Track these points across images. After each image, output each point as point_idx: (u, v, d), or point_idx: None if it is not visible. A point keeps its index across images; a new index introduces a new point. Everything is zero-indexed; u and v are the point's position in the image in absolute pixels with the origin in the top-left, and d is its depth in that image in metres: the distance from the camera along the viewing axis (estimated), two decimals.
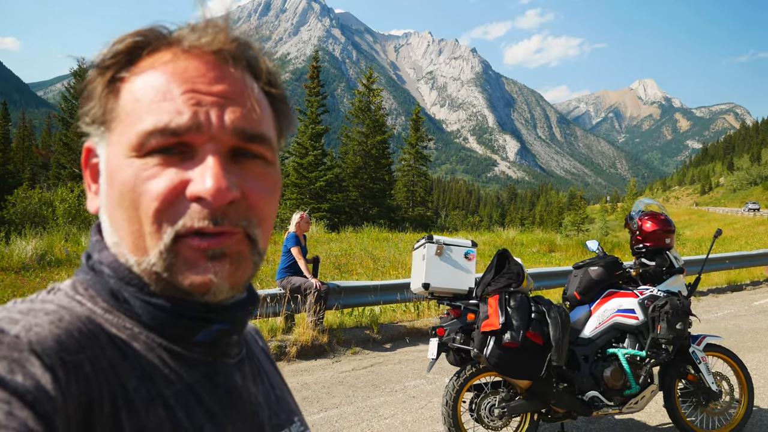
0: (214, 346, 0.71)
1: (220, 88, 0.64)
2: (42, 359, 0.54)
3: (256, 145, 0.66)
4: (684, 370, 4.56)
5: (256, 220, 0.66)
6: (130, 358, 0.62)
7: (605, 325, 4.43)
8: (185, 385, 0.66)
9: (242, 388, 0.74)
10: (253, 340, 0.89)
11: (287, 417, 0.81)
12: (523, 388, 4.19)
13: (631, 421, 5.01)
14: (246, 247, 0.66)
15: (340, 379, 6.42)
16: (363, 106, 42.64)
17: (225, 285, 0.64)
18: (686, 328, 4.25)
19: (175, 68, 0.63)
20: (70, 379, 0.55)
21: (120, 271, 0.66)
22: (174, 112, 0.61)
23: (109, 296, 0.66)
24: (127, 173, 0.62)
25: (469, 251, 4.67)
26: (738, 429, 4.56)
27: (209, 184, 0.61)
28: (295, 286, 7.60)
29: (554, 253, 20.18)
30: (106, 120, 0.65)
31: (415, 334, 8.51)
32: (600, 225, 54.13)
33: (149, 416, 0.60)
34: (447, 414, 4.14)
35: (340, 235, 21.88)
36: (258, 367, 0.82)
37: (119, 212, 0.63)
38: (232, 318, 0.71)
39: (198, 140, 0.62)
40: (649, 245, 4.69)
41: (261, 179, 0.67)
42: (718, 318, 9.87)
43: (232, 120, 0.64)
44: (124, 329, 0.65)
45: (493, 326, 3.89)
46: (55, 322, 0.58)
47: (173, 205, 0.61)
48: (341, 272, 14.05)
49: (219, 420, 0.67)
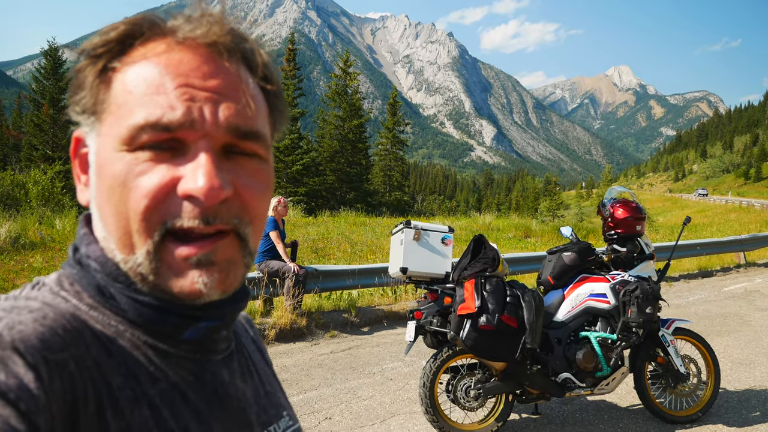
0: (201, 343, 0.70)
1: (214, 83, 0.62)
2: (25, 358, 0.53)
3: (249, 143, 0.65)
4: (653, 353, 4.71)
5: (248, 219, 0.65)
6: (115, 356, 0.62)
7: (578, 309, 4.55)
8: (171, 384, 0.65)
9: (230, 384, 0.73)
10: (243, 331, 0.87)
11: (276, 413, 0.81)
12: (498, 370, 4.30)
13: (603, 403, 5.16)
14: (236, 250, 0.65)
15: (318, 362, 6.50)
16: (340, 89, 42.43)
17: (215, 292, 0.63)
18: (656, 312, 4.39)
19: (168, 60, 0.62)
20: (53, 378, 0.54)
21: (107, 267, 0.65)
22: (167, 106, 0.60)
23: (96, 292, 0.65)
24: (117, 167, 0.61)
25: (446, 236, 4.76)
26: (705, 410, 4.72)
27: (201, 183, 0.59)
28: (273, 270, 7.64)
29: (530, 239, 20.41)
30: (96, 110, 0.63)
31: (393, 318, 8.62)
32: (575, 211, 54.65)
33: (134, 415, 0.59)
34: (424, 395, 4.23)
35: (317, 219, 21.88)
36: (247, 361, 0.81)
37: (108, 207, 0.62)
38: (221, 315, 0.69)
39: (190, 137, 0.61)
40: (621, 232, 4.82)
41: (254, 176, 0.66)
42: (688, 303, 10.12)
43: (226, 116, 0.62)
44: (109, 326, 0.63)
45: (469, 309, 3.98)
46: (39, 319, 0.57)
47: (163, 203, 0.60)
48: (318, 256, 14.09)
49: (205, 418, 0.67)
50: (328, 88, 43.65)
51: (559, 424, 4.67)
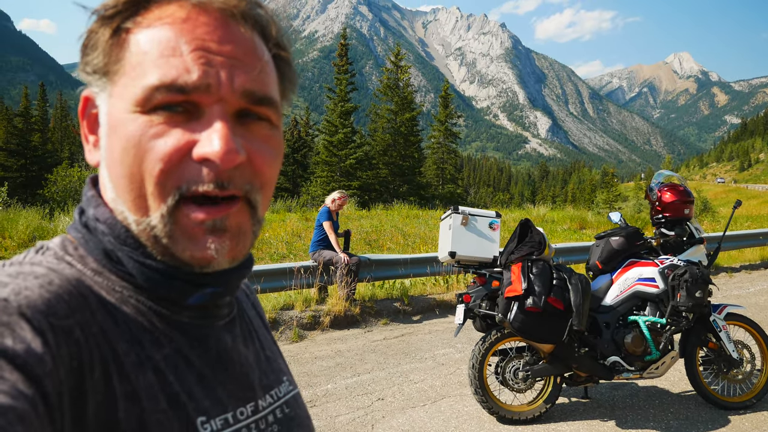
0: (205, 308, 0.71)
1: (229, 47, 0.63)
2: (32, 323, 0.53)
3: (263, 108, 0.66)
4: (705, 338, 4.69)
5: (259, 185, 0.66)
6: (120, 322, 0.62)
7: (626, 293, 4.58)
8: (175, 349, 0.66)
9: (232, 349, 0.74)
10: (243, 296, 0.88)
11: (276, 377, 0.81)
12: (546, 353, 4.39)
13: (654, 388, 5.17)
14: (246, 217, 0.66)
15: (372, 348, 6.68)
16: (391, 83, 42.48)
17: (225, 260, 0.64)
18: (705, 297, 4.38)
19: (184, 23, 0.62)
20: (60, 344, 0.55)
21: (116, 229, 0.65)
22: (182, 69, 0.60)
23: (102, 256, 0.66)
24: (131, 129, 0.61)
25: (494, 221, 4.87)
26: (759, 396, 4.67)
27: (217, 147, 0.60)
28: (326, 259, 7.86)
29: (585, 230, 20.12)
30: (108, 71, 0.64)
31: (444, 307, 8.73)
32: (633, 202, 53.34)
33: (139, 380, 0.60)
34: (474, 377, 4.36)
35: (370, 213, 22.07)
36: (248, 327, 0.82)
37: (120, 168, 0.62)
38: (226, 281, 0.70)
39: (206, 100, 0.62)
40: (668, 215, 4.82)
41: (266, 142, 0.67)
42: (750, 293, 9.87)
43: (241, 82, 0.63)
44: (113, 292, 0.64)
45: (516, 292, 4.09)
46: (44, 285, 0.58)
47: (178, 167, 0.61)
48: (372, 248, 14.29)
49: (209, 382, 0.68)
50: (380, 82, 43.74)
51: (609, 408, 4.72)
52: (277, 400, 0.78)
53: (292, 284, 7.71)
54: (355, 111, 38.77)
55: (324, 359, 6.19)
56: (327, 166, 37.50)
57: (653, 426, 4.37)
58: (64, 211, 15.40)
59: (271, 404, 0.76)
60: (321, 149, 38.62)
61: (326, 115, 39.38)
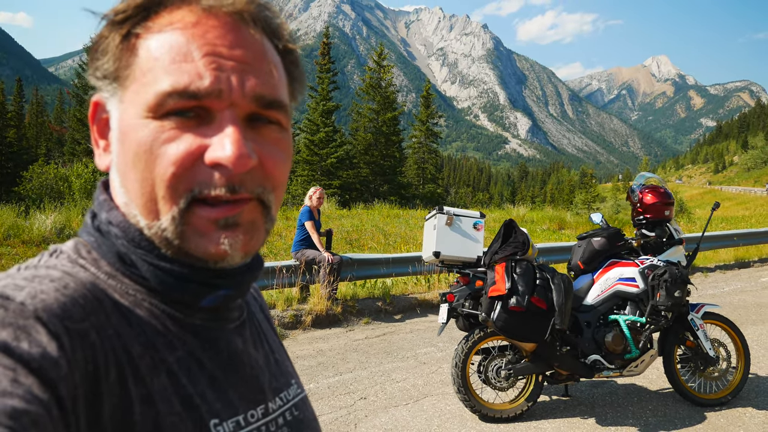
0: (217, 311, 0.72)
1: (240, 52, 0.63)
2: (48, 327, 0.54)
3: (273, 111, 0.66)
4: (683, 337, 4.78)
5: (270, 187, 0.66)
6: (134, 325, 0.63)
7: (607, 293, 4.66)
8: (188, 352, 0.66)
9: (243, 352, 0.74)
10: (252, 299, 0.88)
11: (285, 380, 0.82)
12: (529, 351, 4.44)
13: (633, 386, 5.24)
14: (259, 214, 0.66)
15: (353, 347, 6.70)
16: (373, 82, 42.46)
17: (238, 254, 0.65)
18: (684, 296, 4.47)
19: (194, 28, 0.62)
20: (75, 348, 0.55)
21: (129, 233, 0.66)
22: (195, 74, 0.60)
23: (116, 259, 0.66)
24: (143, 134, 0.61)
25: (478, 222, 4.91)
26: (734, 393, 4.77)
27: (230, 151, 0.60)
28: (309, 259, 7.85)
29: (564, 231, 20.29)
30: (119, 76, 0.64)
31: (426, 306, 8.77)
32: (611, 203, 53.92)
33: (154, 383, 0.61)
34: (456, 375, 4.39)
35: (351, 212, 22.04)
36: (258, 330, 0.83)
37: (132, 173, 0.63)
38: (238, 282, 0.71)
39: (217, 106, 0.62)
40: (650, 217, 4.90)
41: (276, 144, 0.67)
42: (724, 293, 10.05)
43: (251, 86, 0.63)
44: (127, 295, 0.65)
45: (500, 291, 4.13)
46: (60, 289, 0.58)
47: (190, 171, 0.61)
48: (353, 247, 14.29)
49: (221, 385, 0.68)
50: (362, 81, 43.72)
51: (589, 406, 4.78)
52: (286, 402, 0.79)
53: (274, 283, 7.69)
54: (336, 110, 38.74)
55: (306, 358, 6.19)
56: (308, 165, 37.38)
57: (632, 423, 4.43)
58: (40, 209, 15.17)
59: (281, 407, 0.77)
60: (302, 148, 38.48)
61: (307, 113, 39.24)
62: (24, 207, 16.08)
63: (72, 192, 20.74)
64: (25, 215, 14.28)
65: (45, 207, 15.57)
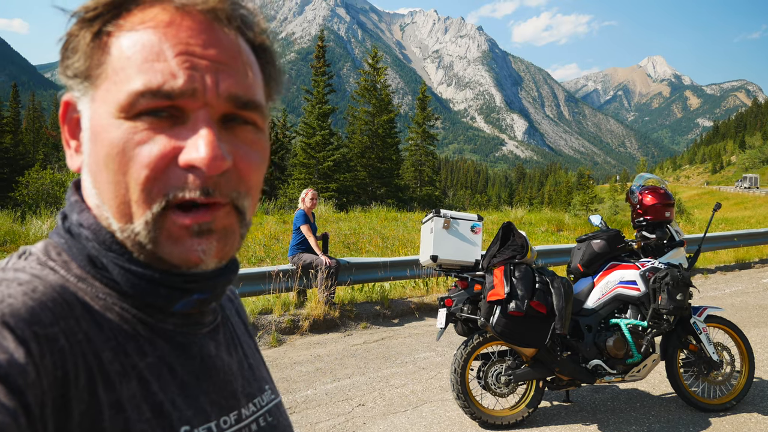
0: (189, 316, 0.70)
1: (214, 51, 0.62)
2: (15, 332, 0.52)
3: (248, 112, 0.65)
4: (685, 341, 4.70)
5: (245, 190, 0.65)
6: (105, 329, 0.61)
7: (608, 297, 4.58)
8: (159, 357, 0.65)
9: (216, 357, 0.73)
10: (227, 302, 0.87)
11: (259, 386, 0.81)
12: (529, 357, 4.36)
13: (635, 391, 5.16)
14: (234, 220, 0.65)
15: (351, 352, 6.61)
16: (369, 85, 42.46)
17: (212, 261, 0.63)
18: (686, 299, 4.39)
19: (167, 27, 0.60)
20: (44, 353, 0.54)
21: (100, 235, 0.64)
22: (168, 74, 0.59)
23: (86, 262, 0.64)
24: (115, 135, 0.59)
25: (475, 225, 4.83)
26: (739, 398, 4.69)
27: (203, 153, 0.59)
28: (306, 263, 7.77)
29: (563, 232, 20.24)
30: (90, 75, 0.62)
31: (424, 309, 8.69)
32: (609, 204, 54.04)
33: (124, 389, 0.59)
34: (456, 381, 4.31)
35: (348, 215, 21.99)
36: (232, 334, 0.81)
37: (104, 174, 0.61)
38: (212, 286, 0.69)
39: (191, 105, 0.60)
40: (650, 218, 4.83)
41: (252, 146, 0.66)
42: (725, 295, 9.98)
43: (226, 86, 0.62)
44: (98, 299, 0.63)
45: (499, 296, 4.05)
46: (28, 293, 0.57)
47: (164, 173, 0.59)
48: (350, 251, 14.22)
49: (192, 391, 0.67)
50: (358, 84, 43.74)
51: (591, 412, 4.70)
52: (259, 408, 0.77)
53: (271, 288, 7.60)
54: (332, 113, 38.68)
55: (303, 364, 6.11)
56: (304, 168, 37.35)
57: (635, 429, 4.35)
58: (36, 215, 15.10)
59: (254, 413, 0.76)
60: (298, 151, 38.47)
61: (303, 117, 39.27)
62: (20, 212, 16.02)
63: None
64: (21, 221, 14.21)
65: (41, 212, 15.50)
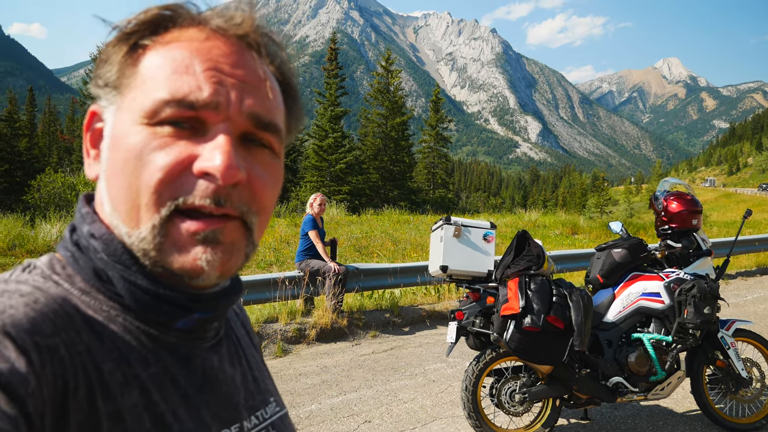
0: (191, 331, 0.70)
1: (241, 72, 0.64)
2: (16, 342, 0.53)
3: (267, 134, 0.66)
4: (712, 356, 4.41)
5: (256, 209, 0.65)
6: (107, 340, 0.61)
7: (629, 309, 4.29)
8: (161, 368, 0.65)
9: (218, 370, 0.73)
10: (233, 315, 0.88)
11: (263, 398, 0.81)
12: (545, 374, 4.09)
13: (657, 408, 4.89)
14: (241, 236, 0.65)
15: (359, 363, 6.37)
16: (382, 87, 42.37)
17: (214, 273, 0.63)
18: (714, 313, 4.11)
19: (199, 46, 0.63)
20: (44, 363, 0.54)
21: (111, 246, 0.64)
22: (194, 86, 0.61)
23: (92, 275, 0.64)
24: (135, 140, 0.61)
25: (488, 233, 4.57)
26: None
27: (218, 161, 0.60)
28: (314, 269, 7.54)
29: (577, 236, 19.93)
30: (120, 84, 0.64)
31: (436, 317, 8.43)
32: (624, 207, 53.46)
33: (125, 399, 0.59)
34: (467, 399, 4.06)
35: (360, 218, 21.84)
36: (236, 347, 0.81)
37: (119, 179, 0.62)
38: (214, 306, 0.70)
39: (213, 118, 0.62)
40: (675, 226, 4.54)
41: (267, 169, 0.67)
42: (747, 302, 9.66)
43: (249, 104, 0.63)
44: (101, 311, 0.63)
45: (513, 310, 3.79)
46: (30, 304, 0.57)
47: (177, 179, 0.60)
48: (361, 254, 14.02)
49: (194, 402, 0.67)
50: (371, 86, 43.67)
51: (610, 431, 4.43)
52: (263, 421, 0.78)
53: (276, 296, 7.37)
54: (345, 115, 38.66)
55: (309, 376, 5.88)
56: (317, 171, 37.30)
57: None
58: (45, 219, 15.02)
59: (256, 425, 0.76)
60: (311, 154, 38.42)
61: (316, 119, 39.21)
62: (30, 216, 15.97)
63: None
64: (31, 225, 14.15)
65: (50, 216, 15.45)
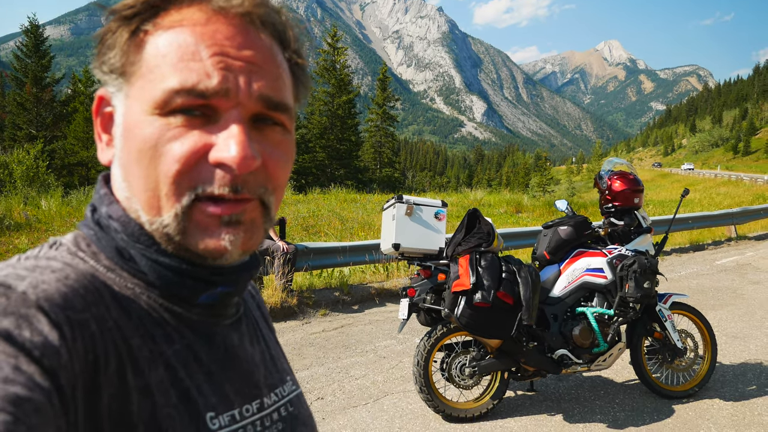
0: (213, 307, 0.71)
1: (248, 53, 0.63)
2: (49, 316, 0.53)
3: (278, 113, 0.66)
4: (650, 328, 4.62)
5: (272, 188, 0.67)
6: (134, 317, 0.63)
7: (574, 285, 4.45)
8: (185, 345, 0.66)
9: (239, 348, 0.74)
10: (249, 297, 0.89)
11: (281, 377, 0.82)
12: (494, 348, 4.21)
13: (599, 379, 5.09)
14: (259, 214, 0.66)
15: (310, 341, 6.40)
16: (328, 65, 41.96)
17: (237, 252, 0.64)
18: (653, 287, 4.30)
19: (204, 28, 0.62)
20: (76, 337, 0.55)
21: (129, 227, 0.66)
22: (203, 73, 0.60)
23: (114, 253, 0.66)
24: (149, 131, 0.61)
25: (440, 211, 4.63)
26: (701, 384, 4.65)
27: (234, 152, 0.60)
28: (262, 249, 7.49)
29: (521, 214, 20.36)
30: (126, 72, 0.64)
31: (385, 295, 8.52)
32: (566, 186, 54.87)
33: (152, 375, 0.61)
34: (419, 374, 4.14)
35: (307, 197, 21.72)
36: (254, 326, 0.83)
37: (136, 169, 0.63)
38: (236, 281, 0.71)
39: (224, 105, 0.62)
40: (618, 205, 4.71)
41: (279, 146, 0.68)
42: (681, 277, 10.09)
43: (258, 87, 0.63)
44: (126, 288, 0.64)
45: (464, 286, 3.88)
46: (61, 279, 0.58)
47: (194, 169, 0.61)
48: (309, 234, 13.97)
49: (217, 379, 0.68)
50: (316, 64, 43.17)
51: (555, 401, 4.61)
52: (281, 398, 0.79)
53: None
54: None
55: None
56: None
57: (600, 419, 4.27)
58: None
59: (275, 402, 0.77)
60: None
61: None
62: None
63: (13, 180, 19.77)
64: None
65: None
